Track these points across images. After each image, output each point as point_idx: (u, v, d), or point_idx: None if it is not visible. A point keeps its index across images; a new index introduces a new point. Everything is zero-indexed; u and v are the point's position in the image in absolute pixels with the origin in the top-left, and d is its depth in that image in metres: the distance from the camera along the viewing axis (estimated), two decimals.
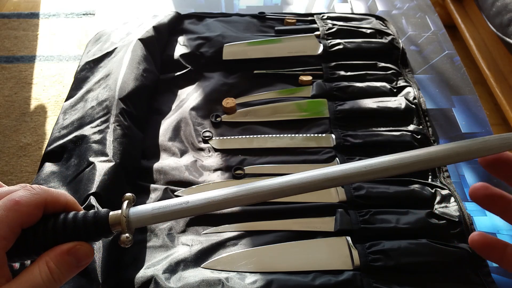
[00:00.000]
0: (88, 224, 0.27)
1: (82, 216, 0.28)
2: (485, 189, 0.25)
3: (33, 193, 0.27)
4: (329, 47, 0.67)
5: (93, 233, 0.27)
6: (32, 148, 1.21)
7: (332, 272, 0.43)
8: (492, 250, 0.26)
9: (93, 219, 0.27)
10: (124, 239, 0.27)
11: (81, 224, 0.27)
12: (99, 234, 0.28)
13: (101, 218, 0.28)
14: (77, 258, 0.27)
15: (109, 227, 0.27)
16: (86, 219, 0.27)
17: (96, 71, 0.62)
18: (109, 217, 0.28)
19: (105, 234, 0.28)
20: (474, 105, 0.63)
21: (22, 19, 1.63)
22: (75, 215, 0.28)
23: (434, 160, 0.26)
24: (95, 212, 0.28)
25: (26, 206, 0.26)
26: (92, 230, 0.27)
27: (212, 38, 0.67)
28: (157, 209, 0.28)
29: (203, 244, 0.45)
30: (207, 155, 0.55)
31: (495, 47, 1.30)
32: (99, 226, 0.27)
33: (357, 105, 0.59)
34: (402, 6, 0.82)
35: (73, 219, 0.27)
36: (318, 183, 0.29)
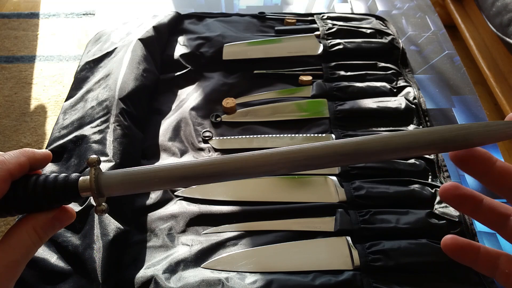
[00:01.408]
0: (58, 188, 0.27)
1: (53, 180, 0.28)
2: (455, 189, 0.25)
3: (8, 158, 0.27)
4: (329, 47, 0.67)
5: (62, 198, 0.28)
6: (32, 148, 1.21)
7: (332, 272, 0.43)
8: (465, 253, 0.26)
9: (63, 183, 0.28)
10: (99, 209, 0.28)
11: (51, 188, 0.27)
12: (68, 199, 0.28)
13: (71, 182, 0.28)
14: (62, 221, 0.28)
15: (78, 191, 0.27)
16: (56, 183, 0.27)
17: (96, 71, 0.62)
18: (78, 182, 0.28)
19: (74, 199, 0.28)
20: (474, 105, 0.63)
21: (22, 19, 1.63)
22: (45, 179, 0.28)
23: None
24: (66, 176, 0.28)
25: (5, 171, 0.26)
26: (61, 194, 0.27)
27: (212, 38, 0.67)
28: (127, 173, 0.28)
29: (203, 244, 0.45)
30: (207, 155, 0.55)
31: (495, 47, 1.30)
32: (68, 191, 0.27)
33: (357, 105, 0.59)
34: (402, 6, 0.82)
35: (43, 183, 0.27)
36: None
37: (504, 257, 0.25)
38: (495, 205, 0.25)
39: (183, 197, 0.50)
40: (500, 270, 0.25)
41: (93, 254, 0.40)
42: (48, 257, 0.42)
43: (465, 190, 0.25)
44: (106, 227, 0.42)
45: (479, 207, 0.25)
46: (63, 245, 0.42)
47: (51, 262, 0.41)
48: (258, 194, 0.51)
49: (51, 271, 0.41)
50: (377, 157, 0.25)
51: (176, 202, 0.50)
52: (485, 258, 0.25)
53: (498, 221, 0.25)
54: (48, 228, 0.28)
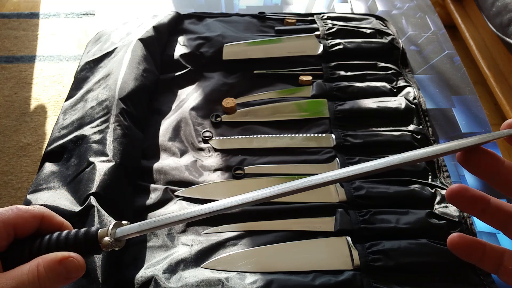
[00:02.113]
0: (79, 240, 0.29)
1: (74, 233, 0.29)
2: (464, 191, 0.25)
3: (33, 206, 0.30)
4: (329, 47, 0.67)
5: (83, 249, 0.29)
6: (32, 148, 1.21)
7: (332, 272, 0.43)
8: (472, 251, 0.26)
9: (84, 235, 0.29)
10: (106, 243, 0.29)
11: (72, 240, 0.29)
12: (89, 251, 0.29)
13: (92, 235, 0.29)
14: (68, 269, 0.27)
15: (98, 242, 0.29)
16: (78, 235, 0.29)
17: (96, 71, 0.62)
18: (98, 234, 0.29)
19: (94, 250, 0.29)
20: (474, 105, 0.63)
21: (22, 19, 1.63)
22: (67, 233, 0.29)
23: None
24: (86, 230, 0.29)
25: (24, 211, 0.28)
26: (82, 245, 0.29)
27: (212, 38, 0.67)
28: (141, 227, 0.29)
29: (203, 244, 0.45)
30: (207, 155, 0.55)
31: (495, 47, 1.30)
32: (89, 242, 0.29)
33: (357, 105, 0.59)
34: (402, 6, 0.82)
35: (65, 235, 0.29)
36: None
37: (508, 254, 0.25)
38: (502, 205, 0.25)
39: (183, 197, 0.50)
40: (504, 266, 0.25)
41: None
42: None
43: (473, 192, 0.25)
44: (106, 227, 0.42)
45: (487, 209, 0.25)
46: None
47: None
48: None
49: None
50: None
51: (176, 202, 0.50)
52: (491, 255, 0.25)
53: (506, 220, 0.25)
54: (51, 269, 0.26)
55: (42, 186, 0.48)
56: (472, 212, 0.25)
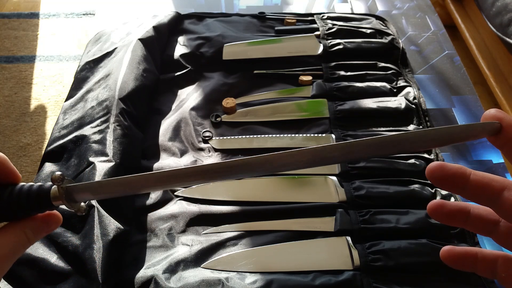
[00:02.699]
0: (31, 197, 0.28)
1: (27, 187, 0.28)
2: (441, 207, 0.25)
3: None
4: (329, 47, 0.67)
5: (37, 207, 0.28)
6: (32, 148, 1.21)
7: (332, 272, 0.43)
8: (463, 261, 0.26)
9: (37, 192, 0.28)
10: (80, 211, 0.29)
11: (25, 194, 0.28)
12: (41, 207, 0.28)
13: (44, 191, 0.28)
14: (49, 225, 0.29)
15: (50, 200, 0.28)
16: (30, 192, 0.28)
17: (96, 71, 0.62)
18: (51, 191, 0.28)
19: (48, 208, 0.29)
20: (474, 105, 0.63)
21: (22, 19, 1.63)
22: (21, 186, 0.28)
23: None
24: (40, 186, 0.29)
25: None
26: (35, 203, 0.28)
27: (212, 38, 0.67)
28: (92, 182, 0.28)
29: (203, 244, 0.45)
30: (207, 155, 0.55)
31: (495, 47, 1.30)
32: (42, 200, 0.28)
33: (357, 105, 0.59)
34: (402, 6, 0.82)
35: (19, 189, 0.28)
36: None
37: (501, 259, 0.25)
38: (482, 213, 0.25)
39: (183, 197, 0.50)
40: (499, 274, 0.25)
41: (93, 254, 0.40)
42: (48, 257, 0.42)
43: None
44: (106, 227, 0.42)
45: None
46: (63, 245, 0.42)
47: (51, 262, 0.41)
48: (258, 194, 0.51)
49: (51, 271, 0.41)
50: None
51: (176, 202, 0.50)
52: (483, 263, 0.26)
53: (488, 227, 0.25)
54: (36, 230, 0.28)
55: None
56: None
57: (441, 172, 0.23)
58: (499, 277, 0.25)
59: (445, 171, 0.23)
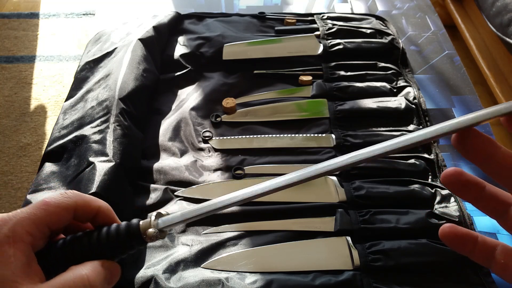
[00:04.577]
0: (121, 235, 0.28)
1: (115, 228, 0.29)
2: (458, 175, 0.24)
3: (63, 195, 0.28)
4: (329, 47, 0.67)
5: (127, 243, 0.28)
6: (32, 148, 1.21)
7: (332, 272, 0.43)
8: (463, 242, 0.26)
9: (126, 229, 0.28)
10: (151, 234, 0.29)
11: (114, 235, 0.28)
12: (132, 244, 0.28)
13: (134, 227, 0.28)
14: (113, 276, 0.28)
15: (141, 235, 0.28)
16: (119, 230, 0.28)
17: (96, 71, 0.62)
18: (140, 226, 0.29)
19: (138, 243, 0.29)
20: (474, 105, 0.63)
21: (22, 19, 1.63)
22: (108, 229, 0.29)
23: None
24: (127, 223, 0.29)
25: (55, 206, 0.27)
26: (126, 240, 0.28)
27: (212, 38, 0.67)
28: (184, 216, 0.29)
29: (203, 244, 0.45)
30: (207, 155, 0.55)
31: (495, 47, 1.30)
32: (132, 236, 0.28)
33: (357, 105, 0.59)
34: (402, 6, 0.82)
35: (106, 231, 0.28)
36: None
37: (500, 247, 0.25)
38: (497, 192, 0.24)
39: (183, 197, 0.50)
40: (496, 260, 0.24)
41: None
42: None
43: (468, 177, 0.24)
44: None
45: (481, 194, 0.24)
46: None
47: None
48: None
49: None
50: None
51: (176, 202, 0.50)
52: (482, 248, 0.25)
53: (499, 209, 0.24)
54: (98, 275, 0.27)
55: (42, 186, 0.48)
56: (466, 198, 0.25)
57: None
58: (496, 263, 0.24)
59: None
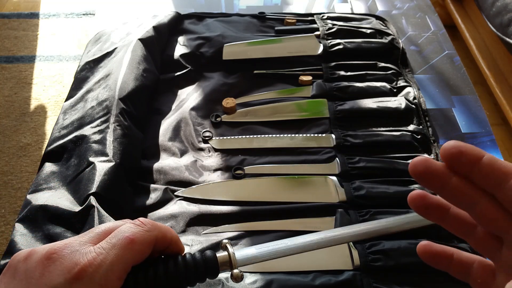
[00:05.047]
0: (199, 266, 0.28)
1: (191, 258, 0.29)
2: (421, 198, 0.25)
3: (145, 230, 0.27)
4: (329, 47, 0.67)
5: (203, 274, 0.29)
6: (32, 148, 1.21)
7: (332, 272, 0.43)
8: (438, 260, 0.27)
9: (202, 261, 0.29)
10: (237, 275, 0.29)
11: (192, 266, 0.28)
12: (208, 275, 0.29)
13: (210, 259, 0.29)
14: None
15: (218, 267, 0.29)
16: (196, 261, 0.28)
17: (96, 71, 0.62)
18: (217, 258, 0.29)
19: (213, 275, 0.29)
20: (474, 105, 0.63)
21: (22, 19, 1.63)
22: (183, 258, 0.29)
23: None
24: (202, 254, 0.29)
25: (140, 244, 0.26)
26: (202, 271, 0.28)
27: (212, 38, 0.67)
28: (259, 253, 0.30)
29: (203, 244, 0.45)
30: (207, 155, 0.55)
31: (495, 47, 1.30)
32: (209, 267, 0.29)
33: (357, 105, 0.59)
34: (402, 6, 0.82)
35: (183, 262, 0.28)
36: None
37: (477, 264, 0.25)
38: (461, 214, 0.25)
39: (183, 197, 0.50)
40: (473, 277, 0.25)
41: None
42: None
43: (431, 199, 0.25)
44: None
45: (446, 216, 0.25)
46: None
47: None
48: (258, 194, 0.51)
49: None
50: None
51: (176, 202, 0.50)
52: (458, 264, 0.26)
53: (464, 230, 0.25)
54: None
55: (42, 186, 0.48)
56: (432, 219, 0.25)
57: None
58: (473, 282, 0.25)
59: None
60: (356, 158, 0.53)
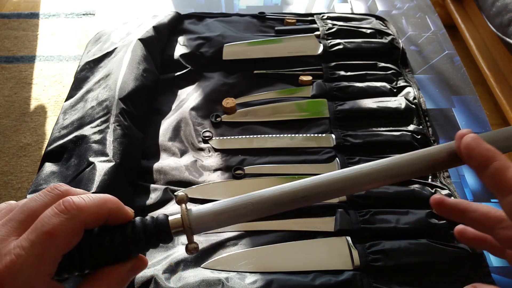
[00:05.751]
0: (149, 232, 0.27)
1: (141, 224, 0.27)
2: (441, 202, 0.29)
3: (68, 218, 0.24)
4: (329, 47, 0.67)
5: (155, 240, 0.27)
6: (32, 148, 1.21)
7: (332, 272, 0.43)
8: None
9: (153, 225, 0.27)
10: (191, 247, 0.27)
11: (141, 233, 0.27)
12: (159, 241, 0.27)
13: (161, 223, 0.27)
14: (136, 272, 0.27)
15: (170, 231, 0.27)
16: (146, 227, 0.27)
17: (96, 71, 0.62)
18: (169, 222, 0.27)
19: (164, 240, 0.27)
20: (474, 105, 0.63)
21: (22, 19, 1.63)
22: (133, 225, 0.27)
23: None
24: (153, 218, 0.28)
25: (63, 238, 0.23)
26: (153, 237, 0.27)
27: (212, 38, 0.67)
28: (219, 208, 0.28)
29: (203, 244, 0.45)
30: (207, 155, 0.55)
31: (495, 47, 1.30)
32: (160, 232, 0.27)
33: (357, 105, 0.59)
34: (402, 6, 0.82)
35: (131, 230, 0.27)
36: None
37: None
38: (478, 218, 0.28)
39: None
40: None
41: None
42: None
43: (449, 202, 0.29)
44: None
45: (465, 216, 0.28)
46: None
47: None
48: None
49: None
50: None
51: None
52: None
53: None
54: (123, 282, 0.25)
55: (42, 186, 0.48)
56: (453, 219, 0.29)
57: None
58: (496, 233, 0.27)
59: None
60: (356, 158, 0.53)
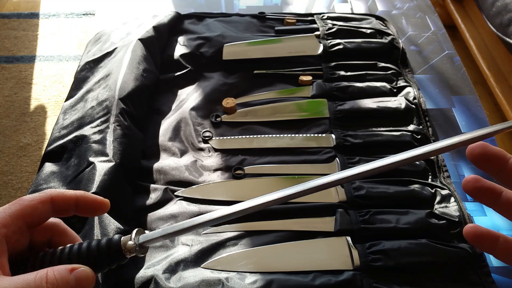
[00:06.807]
0: (102, 248, 0.28)
1: (96, 242, 0.29)
2: (476, 181, 0.27)
3: (39, 192, 0.29)
4: (329, 47, 0.67)
5: (107, 257, 0.28)
6: (32, 148, 1.21)
7: (332, 272, 0.43)
8: (485, 240, 0.27)
9: (107, 243, 0.29)
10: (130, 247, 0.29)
11: (95, 249, 0.28)
12: (112, 259, 0.29)
13: (114, 242, 0.29)
14: (77, 279, 0.26)
15: (121, 249, 0.29)
16: (100, 244, 0.29)
17: (96, 71, 0.62)
18: (121, 241, 0.29)
19: (118, 258, 0.29)
20: (474, 105, 0.63)
21: (22, 19, 1.63)
22: (88, 243, 0.29)
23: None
24: (108, 238, 0.29)
25: (29, 200, 0.28)
26: (105, 253, 0.28)
27: (212, 38, 0.67)
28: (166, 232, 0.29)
29: (203, 244, 0.45)
30: (207, 155, 0.55)
31: (495, 47, 1.30)
32: (112, 250, 0.29)
33: (357, 105, 0.59)
34: (402, 6, 0.82)
35: (87, 245, 0.29)
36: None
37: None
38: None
39: (183, 197, 0.50)
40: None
41: None
42: None
43: (485, 183, 0.26)
44: (106, 227, 0.42)
45: (498, 200, 0.26)
46: None
47: None
48: (258, 194, 0.50)
49: None
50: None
51: (176, 202, 0.50)
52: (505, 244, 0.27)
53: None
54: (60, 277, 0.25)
55: (42, 186, 0.48)
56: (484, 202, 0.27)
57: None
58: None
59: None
60: (356, 158, 0.53)
